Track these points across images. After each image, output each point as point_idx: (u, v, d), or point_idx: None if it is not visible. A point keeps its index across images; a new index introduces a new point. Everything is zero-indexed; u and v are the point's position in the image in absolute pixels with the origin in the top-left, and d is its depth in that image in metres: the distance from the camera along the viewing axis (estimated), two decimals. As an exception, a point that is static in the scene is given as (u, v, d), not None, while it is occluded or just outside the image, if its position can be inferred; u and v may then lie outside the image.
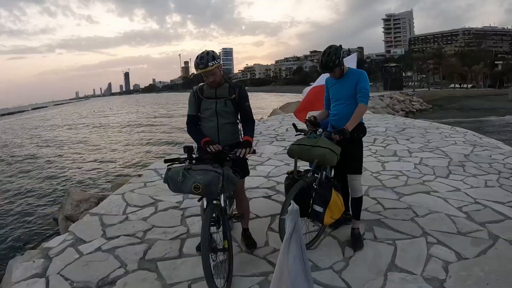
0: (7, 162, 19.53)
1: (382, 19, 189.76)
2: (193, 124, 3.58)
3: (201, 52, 3.33)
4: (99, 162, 16.46)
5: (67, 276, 3.49)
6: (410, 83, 70.61)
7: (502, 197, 4.99)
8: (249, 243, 3.79)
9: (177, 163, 3.15)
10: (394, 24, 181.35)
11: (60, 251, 4.00)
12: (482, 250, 3.59)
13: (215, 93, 3.46)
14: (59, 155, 20.08)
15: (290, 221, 1.90)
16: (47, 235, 7.95)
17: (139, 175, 6.79)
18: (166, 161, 3.17)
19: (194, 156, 3.21)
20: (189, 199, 5.26)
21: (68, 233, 4.49)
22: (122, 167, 14.75)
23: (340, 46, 3.77)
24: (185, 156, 3.18)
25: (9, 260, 4.91)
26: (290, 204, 1.98)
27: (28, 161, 18.98)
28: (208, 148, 3.23)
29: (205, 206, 3.12)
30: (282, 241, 3.21)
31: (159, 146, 19.75)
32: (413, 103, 38.46)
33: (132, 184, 6.25)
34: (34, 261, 3.80)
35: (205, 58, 3.26)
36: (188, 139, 3.61)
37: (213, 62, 3.26)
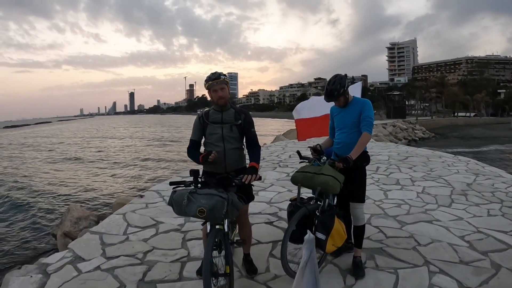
0: (10, 174, 19.67)
1: (386, 47, 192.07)
2: (194, 149, 3.62)
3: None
4: (101, 180, 16.44)
5: (65, 294, 3.45)
6: (413, 112, 70.98)
7: (504, 226, 4.99)
8: (250, 269, 3.77)
9: (182, 186, 3.16)
10: (398, 53, 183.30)
11: (59, 267, 3.99)
12: (484, 280, 3.57)
13: (221, 118, 3.51)
14: (61, 170, 20.17)
15: (306, 250, 1.97)
16: (45, 250, 7.91)
17: (141, 196, 6.80)
18: (171, 183, 3.20)
19: (199, 180, 3.23)
20: (190, 222, 5.25)
21: (67, 250, 4.49)
22: (123, 187, 14.72)
23: (345, 75, 3.83)
24: (191, 179, 3.20)
25: (5, 273, 4.89)
26: (307, 233, 2.03)
27: (30, 175, 19.08)
28: (209, 159, 3.30)
29: (208, 230, 3.12)
30: (283, 267, 3.23)
31: (162, 168, 19.72)
32: (415, 131, 38.58)
33: (134, 205, 6.25)
34: (31, 276, 3.78)
35: (217, 73, 3.45)
36: (192, 162, 3.62)
37: (224, 76, 3.44)
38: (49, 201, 13.02)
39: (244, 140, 3.64)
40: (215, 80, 3.42)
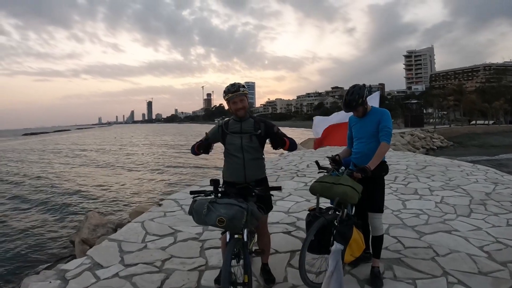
0: (31, 179, 20.16)
1: (403, 55, 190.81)
2: (192, 148, 3.67)
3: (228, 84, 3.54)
4: (118, 188, 16.60)
5: (83, 300, 3.50)
6: (431, 120, 70.22)
7: (524, 236, 4.90)
8: (268, 278, 3.77)
9: (202, 196, 3.20)
10: (415, 61, 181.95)
11: (77, 274, 4.05)
12: (503, 291, 3.51)
13: (241, 128, 3.54)
14: (80, 177, 20.53)
15: (332, 260, 2.02)
16: (62, 256, 8.02)
17: (159, 205, 6.86)
18: (191, 192, 3.24)
19: (219, 189, 3.25)
20: (208, 231, 5.28)
21: (85, 256, 4.55)
22: (141, 195, 14.83)
23: (364, 85, 3.84)
24: (211, 189, 3.23)
25: (24, 277, 4.96)
26: (333, 244, 2.07)
27: (50, 181, 19.45)
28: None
29: (227, 240, 3.15)
30: (301, 277, 3.23)
31: (180, 176, 19.77)
32: (433, 140, 38.19)
33: (152, 213, 6.31)
34: (50, 282, 3.86)
35: (236, 85, 3.47)
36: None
37: (243, 88, 3.47)
38: (67, 208, 13.22)
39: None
40: (234, 93, 3.44)
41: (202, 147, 3.52)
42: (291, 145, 3.54)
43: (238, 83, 3.50)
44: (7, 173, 23.74)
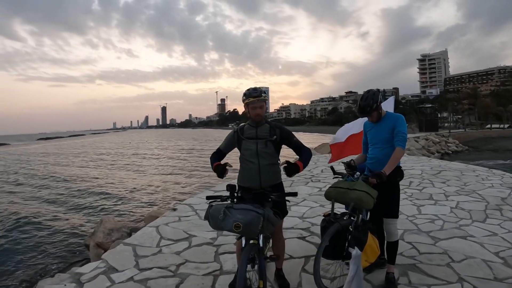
0: (47, 181, 20.55)
1: (417, 59, 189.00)
2: (216, 156, 3.69)
3: (248, 87, 3.53)
4: (133, 192, 16.67)
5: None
6: (445, 124, 69.51)
7: (540, 242, 4.84)
8: (283, 284, 3.78)
9: (218, 201, 3.22)
10: (429, 64, 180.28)
11: (92, 277, 4.10)
12: (519, 297, 3.47)
13: (256, 133, 3.55)
14: (96, 180, 20.78)
15: (353, 265, 2.05)
16: (77, 260, 8.08)
17: (174, 209, 6.90)
18: (208, 197, 3.26)
19: (236, 195, 3.26)
20: (223, 236, 5.30)
21: (100, 260, 4.61)
22: (155, 200, 14.87)
23: (378, 90, 3.83)
24: (227, 194, 3.25)
25: (38, 280, 5.02)
26: (354, 249, 2.10)
27: (66, 184, 19.77)
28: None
29: (243, 245, 3.15)
30: (316, 282, 3.23)
31: (194, 181, 19.79)
32: (448, 144, 37.71)
33: (166, 218, 6.36)
34: (65, 285, 3.92)
35: (258, 89, 3.47)
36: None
37: (264, 94, 3.47)
38: (82, 211, 13.35)
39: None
40: (256, 98, 3.44)
41: (217, 171, 3.51)
42: (305, 164, 3.57)
43: (260, 88, 3.49)
44: (25, 175, 24.23)
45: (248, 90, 3.49)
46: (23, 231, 10.98)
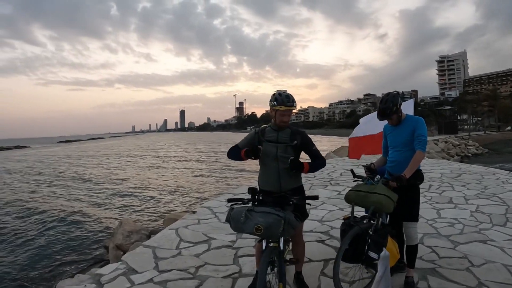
0: (67, 182, 20.98)
1: (436, 60, 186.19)
2: (235, 149, 3.64)
3: (278, 91, 3.48)
4: (152, 195, 16.81)
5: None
6: (465, 127, 68.60)
7: (562, 246, 4.75)
8: (302, 287, 3.78)
9: (240, 204, 3.23)
10: (448, 66, 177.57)
11: (112, 278, 4.16)
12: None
13: (277, 137, 3.54)
14: (116, 183, 21.03)
15: (381, 266, 2.09)
16: (96, 261, 8.19)
17: (193, 212, 6.95)
18: (229, 200, 3.28)
19: (257, 198, 3.27)
20: (242, 238, 5.33)
21: (120, 262, 4.67)
22: (175, 202, 14.97)
23: (398, 93, 3.82)
24: (249, 197, 3.26)
25: (58, 280, 5.09)
26: (383, 251, 2.13)
27: (86, 185, 20.18)
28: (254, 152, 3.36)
29: (263, 248, 3.16)
30: (335, 286, 3.22)
31: (213, 184, 19.85)
32: (468, 147, 37.24)
33: (186, 220, 6.41)
34: (85, 286, 3.97)
35: (291, 98, 3.40)
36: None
37: (295, 103, 3.42)
38: (101, 213, 13.51)
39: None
40: (288, 107, 3.38)
41: (251, 153, 3.41)
42: (312, 169, 3.54)
43: (293, 97, 3.42)
44: (50, 176, 24.80)
45: (280, 95, 3.40)
46: (41, 231, 11.21)
